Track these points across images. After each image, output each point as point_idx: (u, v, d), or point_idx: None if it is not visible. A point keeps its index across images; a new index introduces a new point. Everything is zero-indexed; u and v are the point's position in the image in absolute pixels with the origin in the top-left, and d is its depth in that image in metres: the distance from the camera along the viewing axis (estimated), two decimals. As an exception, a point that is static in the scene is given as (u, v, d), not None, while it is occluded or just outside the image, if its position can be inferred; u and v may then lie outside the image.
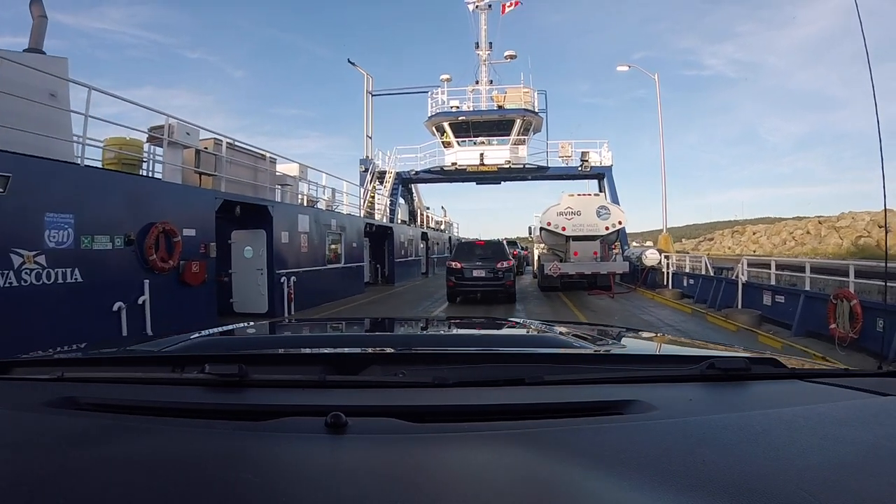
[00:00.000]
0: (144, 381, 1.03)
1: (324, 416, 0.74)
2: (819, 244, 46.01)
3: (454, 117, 21.27)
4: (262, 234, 10.83)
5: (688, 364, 1.08)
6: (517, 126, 21.04)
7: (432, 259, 27.31)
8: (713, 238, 62.07)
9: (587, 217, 15.00)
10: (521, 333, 1.80)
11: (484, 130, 21.48)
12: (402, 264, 20.59)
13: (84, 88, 7.03)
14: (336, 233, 14.07)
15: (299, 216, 11.88)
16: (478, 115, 21.24)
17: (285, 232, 11.17)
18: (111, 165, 8.32)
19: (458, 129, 21.53)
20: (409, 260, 21.92)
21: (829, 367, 1.40)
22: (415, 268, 22.92)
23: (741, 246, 56.97)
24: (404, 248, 21.05)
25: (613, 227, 15.16)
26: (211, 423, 0.80)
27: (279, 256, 10.97)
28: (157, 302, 7.49)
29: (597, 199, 15.93)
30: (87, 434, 0.76)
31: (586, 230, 15.02)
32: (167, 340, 1.35)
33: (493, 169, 20.96)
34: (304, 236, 11.99)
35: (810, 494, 0.56)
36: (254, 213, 10.56)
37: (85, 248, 6.58)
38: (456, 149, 21.53)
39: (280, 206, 11.33)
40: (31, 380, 1.08)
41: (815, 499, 0.55)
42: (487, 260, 12.29)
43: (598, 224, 14.99)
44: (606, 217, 15.06)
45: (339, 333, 1.85)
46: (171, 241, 7.79)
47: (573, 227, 15.02)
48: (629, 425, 0.78)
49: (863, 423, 0.80)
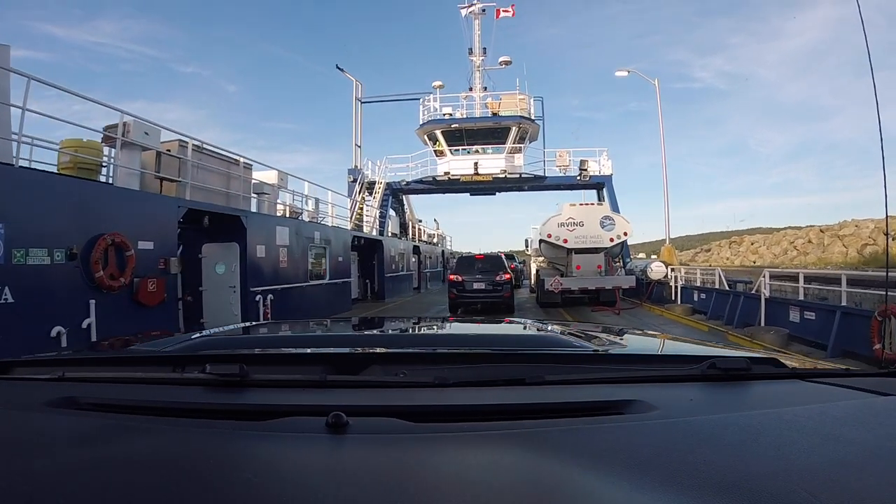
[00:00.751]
0: (145, 381, 1.04)
1: (324, 415, 0.74)
2: (823, 253, 44.68)
3: (447, 125, 20.44)
4: (234, 247, 9.90)
5: (688, 364, 1.09)
6: (513, 134, 20.23)
7: (425, 273, 26.40)
8: (710, 249, 60.92)
9: (590, 228, 14.13)
10: (522, 333, 1.77)
11: (478, 139, 20.61)
12: (393, 279, 19.66)
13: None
14: (320, 246, 13.15)
15: (278, 228, 10.94)
16: (471, 123, 20.39)
17: (261, 245, 10.24)
18: (67, 170, 7.35)
19: (450, 138, 20.69)
20: (401, 274, 20.99)
21: (830, 367, 1.26)
22: (406, 283, 22.00)
23: (740, 257, 55.79)
24: (395, 262, 20.14)
25: (618, 238, 14.29)
26: (212, 423, 0.81)
27: (254, 272, 10.04)
28: (104, 325, 6.52)
29: (600, 209, 15.04)
30: (87, 434, 0.77)
31: (589, 242, 14.16)
32: (168, 340, 1.39)
33: (488, 179, 20.06)
34: (284, 250, 11.06)
35: (812, 495, 0.56)
36: (226, 224, 9.66)
37: (17, 263, 5.65)
38: (449, 158, 20.71)
39: (255, 217, 10.41)
40: (31, 379, 1.10)
41: (816, 499, 0.55)
42: (487, 273, 12.74)
43: (601, 235, 14.13)
44: (611, 228, 14.19)
45: (340, 333, 1.88)
46: (123, 255, 6.85)
47: (575, 238, 14.16)
48: (630, 425, 0.79)
49: (864, 423, 0.80)
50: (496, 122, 20.21)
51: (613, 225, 14.24)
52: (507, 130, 20.26)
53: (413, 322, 2.50)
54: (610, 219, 14.35)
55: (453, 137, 20.68)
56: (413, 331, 1.99)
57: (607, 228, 14.15)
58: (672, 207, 13.71)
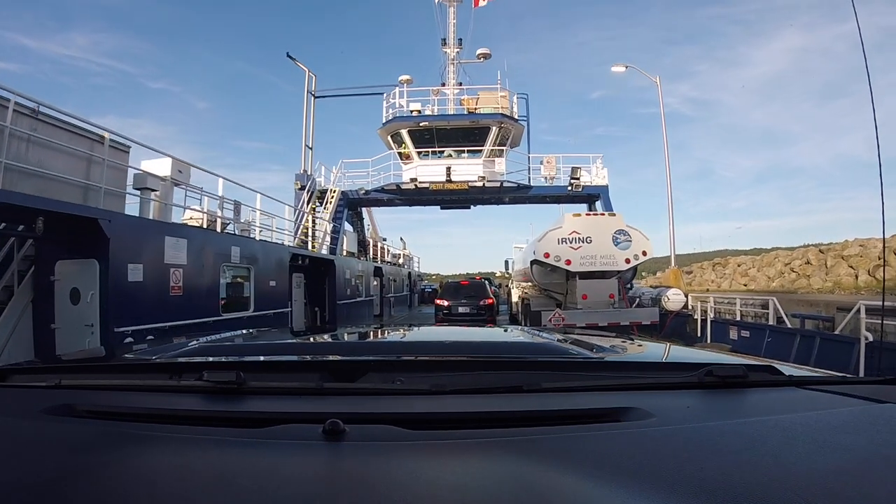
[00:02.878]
0: (142, 389, 1.06)
1: (321, 423, 0.76)
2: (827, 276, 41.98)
3: (414, 123, 17.44)
4: (93, 265, 6.69)
5: (686, 371, 1.09)
6: (492, 135, 17.39)
7: (388, 299, 23.20)
8: (692, 271, 58.87)
9: (600, 245, 11.17)
10: (519, 340, 1.78)
11: (451, 141, 17.65)
12: (349, 306, 16.48)
13: None
14: (242, 267, 9.90)
15: (168, 240, 7.67)
16: (444, 121, 17.44)
17: (137, 264, 7.00)
18: None
19: (419, 139, 17.74)
20: (359, 301, 17.80)
21: (827, 375, 1.24)
22: (365, 309, 18.79)
23: (727, 279, 53.60)
24: (350, 286, 16.95)
25: (635, 259, 11.38)
26: (208, 431, 0.82)
27: (124, 303, 6.77)
28: None
29: (613, 221, 11.82)
30: (83, 441, 0.79)
31: (599, 264, 11.18)
32: (165, 348, 1.42)
33: (463, 187, 17.01)
34: (178, 272, 7.81)
35: (807, 501, 0.57)
36: (81, 232, 6.47)
37: None
38: (416, 163, 17.76)
39: (126, 222, 7.11)
40: (28, 387, 1.11)
41: None
42: (472, 298, 13.98)
43: (615, 255, 11.19)
44: (626, 246, 11.26)
45: (337, 341, 1.93)
46: None
47: (581, 259, 11.17)
48: (627, 433, 0.80)
49: (860, 431, 0.81)
50: (473, 121, 17.33)
51: (630, 242, 11.28)
52: (486, 131, 17.43)
53: (410, 329, 2.49)
54: (625, 234, 11.38)
55: (422, 139, 17.76)
56: (409, 338, 1.99)
57: (622, 246, 11.21)
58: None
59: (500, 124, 17.36)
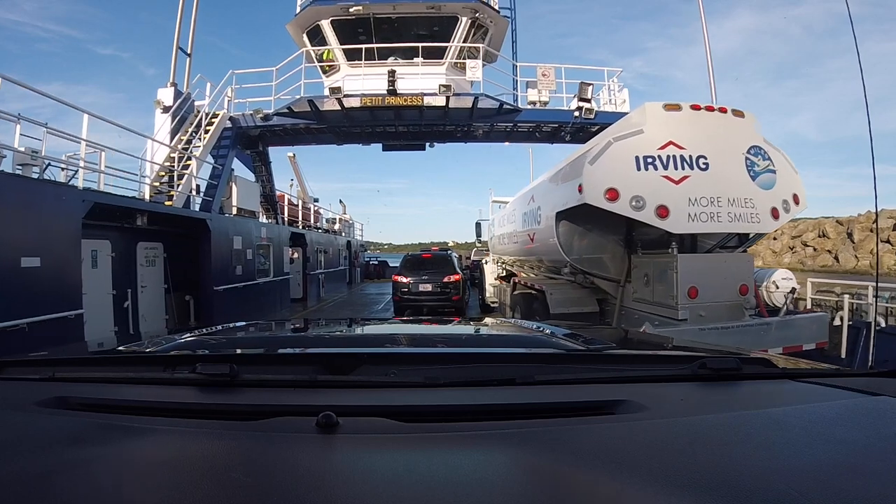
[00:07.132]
0: (135, 381, 1.07)
1: (315, 415, 0.77)
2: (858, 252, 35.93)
3: (342, 8, 11.39)
4: None
5: (679, 364, 1.14)
6: (461, 29, 11.71)
7: (315, 276, 17.67)
8: None
9: (725, 177, 5.33)
10: (513, 333, 1.80)
11: (399, 37, 11.83)
12: (240, 292, 10.97)
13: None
14: None
15: None
16: (388, 6, 11.49)
17: None
18: None
19: (348, 35, 11.78)
20: (258, 284, 12.23)
21: (820, 368, 1.25)
22: (272, 296, 13.26)
23: None
24: (242, 260, 11.33)
25: (785, 209, 5.62)
26: (202, 423, 0.83)
27: None
28: None
29: (740, 125, 5.70)
30: (77, 433, 0.79)
31: (727, 218, 5.29)
32: (158, 340, 1.45)
33: (416, 103, 11.18)
34: None
35: (801, 494, 0.57)
36: None
37: None
38: (345, 73, 12.00)
39: None
40: (22, 379, 1.12)
41: (805, 498, 0.56)
42: (434, 273, 12.40)
43: (754, 200, 5.42)
44: (770, 181, 5.52)
45: (331, 333, 1.94)
46: None
47: (692, 207, 5.22)
48: (620, 425, 0.81)
49: (853, 423, 0.83)
50: (432, 6, 11.51)
51: (774, 173, 5.58)
52: (453, 23, 11.71)
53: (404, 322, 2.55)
54: (764, 154, 5.58)
55: (353, 34, 11.79)
56: (404, 331, 2.03)
57: (762, 181, 5.47)
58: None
59: (475, 12, 11.66)
